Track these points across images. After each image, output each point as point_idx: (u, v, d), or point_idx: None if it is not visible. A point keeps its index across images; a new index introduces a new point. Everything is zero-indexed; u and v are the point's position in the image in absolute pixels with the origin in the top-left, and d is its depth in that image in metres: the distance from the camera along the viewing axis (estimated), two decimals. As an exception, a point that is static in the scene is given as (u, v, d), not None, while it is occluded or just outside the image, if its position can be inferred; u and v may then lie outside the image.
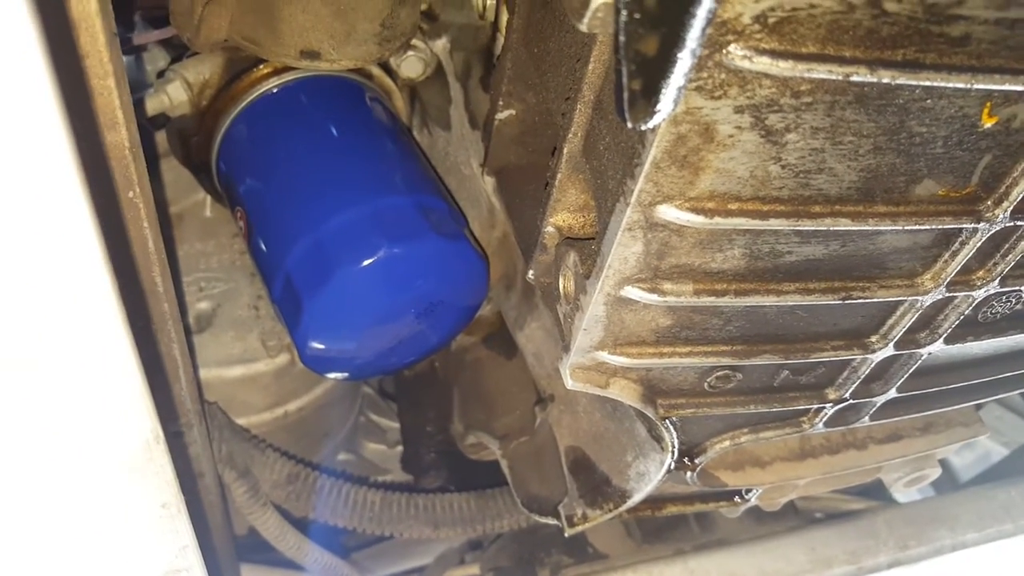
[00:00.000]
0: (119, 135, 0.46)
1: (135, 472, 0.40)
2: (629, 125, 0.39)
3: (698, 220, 0.49)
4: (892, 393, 0.75)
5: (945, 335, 0.69)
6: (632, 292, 0.56)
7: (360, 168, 0.84)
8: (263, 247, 0.85)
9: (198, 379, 0.92)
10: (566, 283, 0.62)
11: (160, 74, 0.93)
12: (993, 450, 1.99)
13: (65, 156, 0.27)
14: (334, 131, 0.87)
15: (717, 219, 0.50)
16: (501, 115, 0.75)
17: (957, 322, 0.68)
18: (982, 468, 1.87)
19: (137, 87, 0.89)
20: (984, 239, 0.58)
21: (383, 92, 0.96)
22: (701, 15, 0.35)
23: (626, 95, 0.37)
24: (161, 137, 1.02)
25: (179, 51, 0.98)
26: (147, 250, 0.53)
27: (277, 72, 0.87)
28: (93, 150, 0.44)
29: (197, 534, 0.53)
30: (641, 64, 0.36)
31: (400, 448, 1.43)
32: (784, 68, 0.42)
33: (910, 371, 0.73)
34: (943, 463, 1.85)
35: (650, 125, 0.39)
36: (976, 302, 0.66)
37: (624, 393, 0.66)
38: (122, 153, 0.47)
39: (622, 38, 0.35)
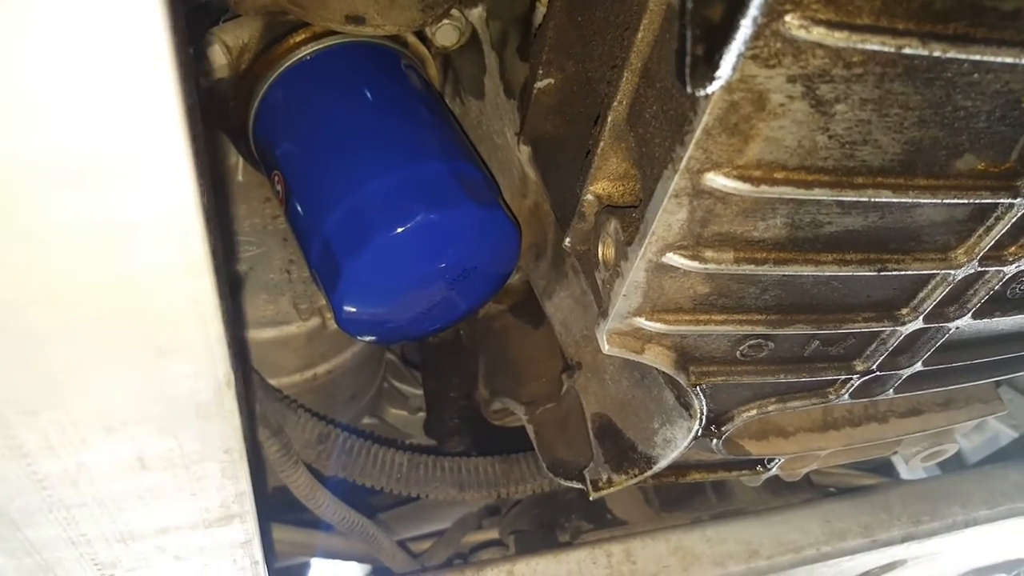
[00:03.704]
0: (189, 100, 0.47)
1: (204, 417, 0.42)
2: (688, 90, 0.40)
3: (745, 188, 0.51)
4: (918, 366, 0.77)
5: (974, 310, 0.70)
6: (674, 259, 0.57)
7: (397, 134, 0.85)
8: (301, 211, 0.86)
9: (244, 339, 0.94)
10: (606, 250, 0.64)
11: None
12: (1002, 432, 2.01)
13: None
14: (371, 97, 0.88)
15: (763, 187, 0.51)
16: (540, 84, 0.75)
17: (986, 297, 0.69)
18: (991, 450, 1.88)
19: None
20: (1019, 215, 0.59)
21: (417, 59, 0.97)
22: (766, -17, 0.36)
23: (688, 59, 0.38)
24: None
25: (215, 15, 0.98)
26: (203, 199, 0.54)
27: (316, 37, 0.88)
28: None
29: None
30: (706, 29, 0.37)
31: (421, 414, 1.46)
32: (839, 39, 0.43)
33: (937, 345, 0.74)
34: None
35: (709, 91, 0.40)
36: (1007, 278, 0.67)
37: (658, 359, 0.68)
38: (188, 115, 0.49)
39: (689, 3, 0.36)
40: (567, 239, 0.72)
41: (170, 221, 0.31)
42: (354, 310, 0.85)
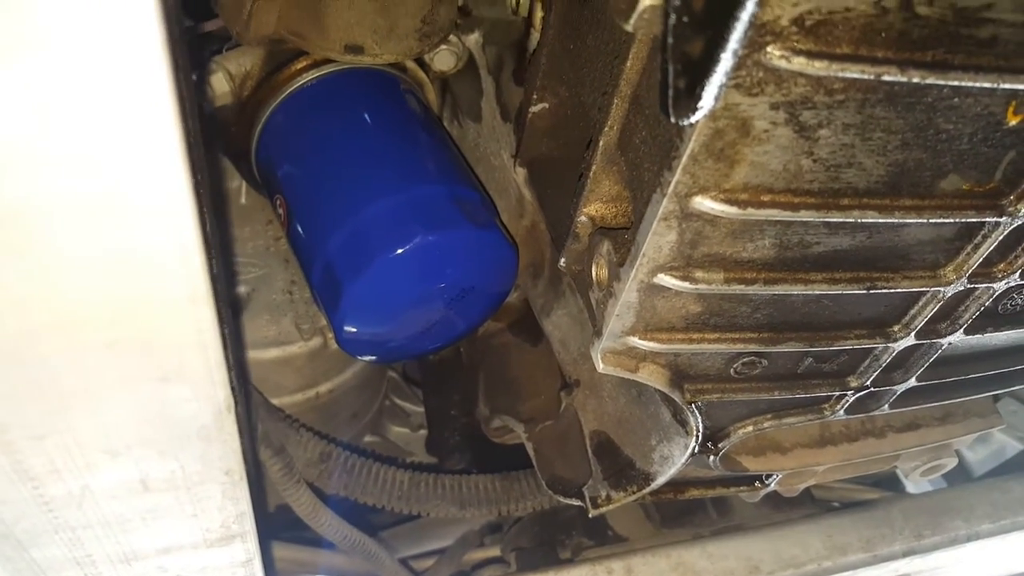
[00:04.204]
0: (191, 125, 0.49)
1: (205, 440, 0.43)
2: (672, 120, 0.41)
3: (732, 211, 0.52)
4: (912, 382, 0.77)
5: (965, 326, 0.71)
6: (665, 280, 0.58)
7: (396, 158, 0.87)
8: (302, 234, 0.88)
9: (244, 360, 0.95)
10: (599, 270, 0.65)
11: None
12: (1008, 444, 2.00)
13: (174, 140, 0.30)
14: (370, 121, 0.90)
15: (750, 210, 0.52)
16: (535, 108, 0.77)
17: (977, 313, 0.70)
18: (996, 463, 1.88)
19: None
20: (1006, 233, 0.60)
21: (416, 84, 0.99)
22: (744, 18, 0.38)
23: (671, 92, 0.40)
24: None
25: (219, 44, 1.01)
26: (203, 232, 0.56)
27: (316, 64, 0.90)
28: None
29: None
30: (687, 64, 0.39)
31: (423, 432, 1.47)
32: (819, 68, 0.44)
33: (930, 360, 0.75)
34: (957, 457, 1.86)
35: (692, 120, 0.42)
36: (996, 294, 0.67)
37: (653, 377, 0.69)
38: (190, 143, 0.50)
39: (670, 40, 0.38)
40: (562, 259, 0.74)
41: (174, 253, 0.33)
42: (355, 330, 0.87)
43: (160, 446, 0.43)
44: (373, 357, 0.96)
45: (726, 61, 0.39)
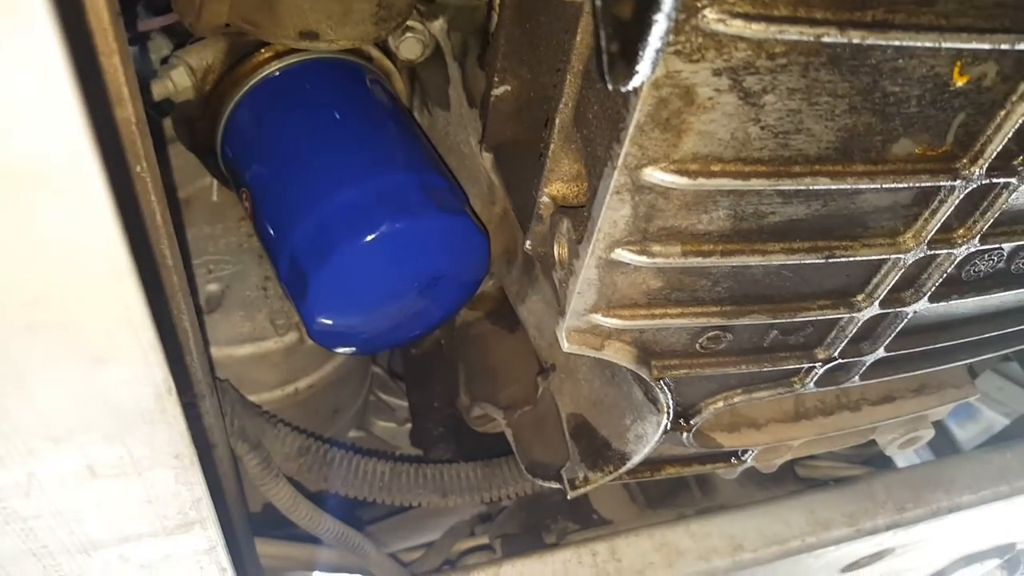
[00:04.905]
0: (126, 111, 0.49)
1: (150, 424, 0.42)
2: (610, 87, 0.41)
3: (682, 182, 0.52)
4: (880, 352, 0.78)
5: (929, 293, 0.71)
6: (622, 255, 0.58)
7: (362, 147, 0.87)
8: (268, 227, 0.87)
9: (209, 353, 0.95)
10: (560, 250, 0.65)
11: (164, 60, 0.95)
12: (995, 420, 2.02)
13: (78, 123, 0.29)
14: (335, 112, 0.89)
15: (701, 180, 0.52)
16: (497, 91, 0.77)
17: (941, 280, 0.70)
18: (985, 438, 1.89)
19: (142, 77, 0.92)
20: (962, 197, 0.60)
21: (383, 74, 0.98)
22: (673, -21, 0.38)
23: (605, 58, 0.40)
24: (167, 124, 1.05)
25: (182, 38, 1.00)
26: (156, 223, 0.56)
27: (278, 56, 0.90)
28: (103, 125, 0.46)
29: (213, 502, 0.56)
30: (618, 27, 0.38)
31: (409, 425, 1.47)
32: (757, 30, 0.44)
33: (897, 330, 0.75)
34: (946, 435, 1.88)
35: (630, 87, 0.41)
36: (958, 260, 0.68)
37: (619, 355, 0.69)
38: (129, 128, 0.50)
39: (598, 3, 0.38)
40: (527, 242, 0.74)
41: (88, 227, 0.32)
42: (326, 322, 0.86)
43: (104, 431, 0.42)
44: (349, 349, 0.96)
45: (660, 24, 0.39)
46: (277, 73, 0.90)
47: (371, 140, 0.88)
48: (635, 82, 0.41)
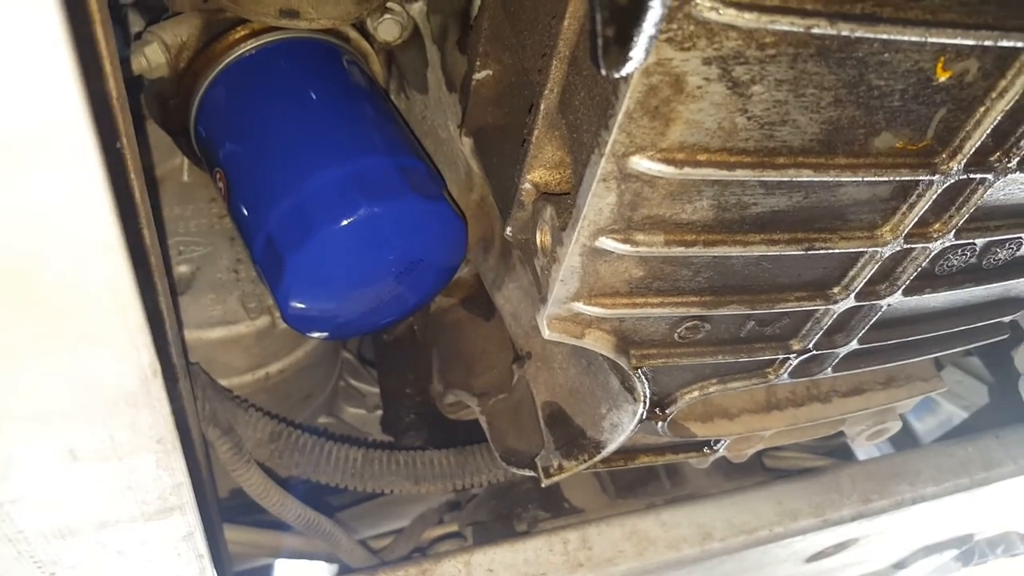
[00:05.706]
0: (107, 85, 0.47)
1: (133, 407, 0.41)
2: (603, 72, 0.41)
3: (669, 171, 0.52)
4: (854, 345, 0.79)
5: (904, 287, 0.72)
6: (606, 243, 0.58)
7: (339, 129, 0.85)
8: (243, 208, 0.86)
9: (182, 335, 0.93)
10: (543, 237, 0.65)
11: (137, 36, 0.93)
12: (954, 414, 2.06)
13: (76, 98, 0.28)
14: (312, 93, 0.88)
15: (687, 169, 0.52)
16: (478, 75, 0.76)
17: (915, 274, 0.71)
18: (943, 431, 1.94)
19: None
20: (939, 192, 0.61)
21: (360, 55, 0.97)
22: (670, -35, 0.37)
23: (600, 42, 0.39)
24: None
25: (155, 14, 0.98)
26: (134, 201, 0.54)
27: (255, 34, 0.88)
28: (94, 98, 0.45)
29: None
30: (615, 11, 0.38)
31: (379, 412, 1.46)
32: (749, 20, 0.44)
33: (871, 323, 0.76)
34: (906, 428, 1.92)
35: (623, 72, 0.41)
36: (933, 254, 0.69)
37: (598, 343, 0.69)
38: (109, 103, 0.48)
39: (596, -14, 0.37)
40: (508, 228, 0.73)
41: (78, 200, 0.31)
42: (300, 306, 0.85)
43: (86, 413, 0.41)
44: (323, 333, 0.95)
45: (656, 10, 0.39)
46: (254, 51, 0.88)
47: (349, 122, 0.87)
48: (628, 68, 0.41)
